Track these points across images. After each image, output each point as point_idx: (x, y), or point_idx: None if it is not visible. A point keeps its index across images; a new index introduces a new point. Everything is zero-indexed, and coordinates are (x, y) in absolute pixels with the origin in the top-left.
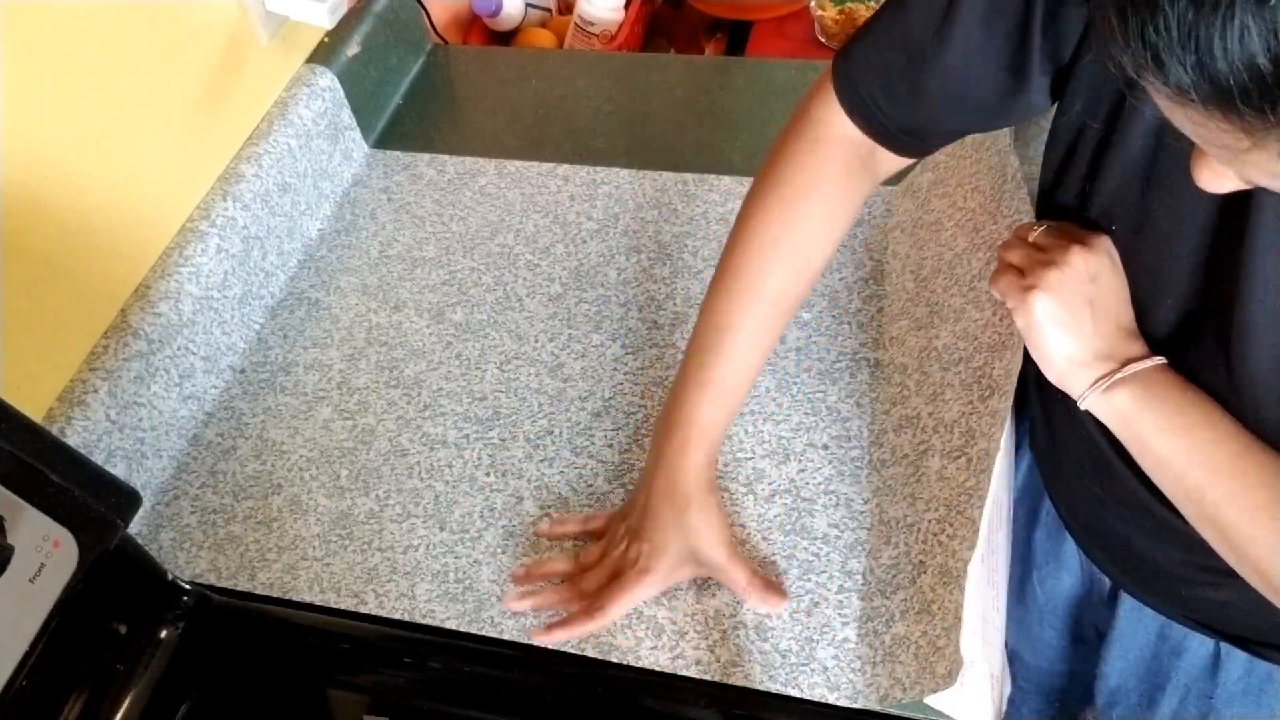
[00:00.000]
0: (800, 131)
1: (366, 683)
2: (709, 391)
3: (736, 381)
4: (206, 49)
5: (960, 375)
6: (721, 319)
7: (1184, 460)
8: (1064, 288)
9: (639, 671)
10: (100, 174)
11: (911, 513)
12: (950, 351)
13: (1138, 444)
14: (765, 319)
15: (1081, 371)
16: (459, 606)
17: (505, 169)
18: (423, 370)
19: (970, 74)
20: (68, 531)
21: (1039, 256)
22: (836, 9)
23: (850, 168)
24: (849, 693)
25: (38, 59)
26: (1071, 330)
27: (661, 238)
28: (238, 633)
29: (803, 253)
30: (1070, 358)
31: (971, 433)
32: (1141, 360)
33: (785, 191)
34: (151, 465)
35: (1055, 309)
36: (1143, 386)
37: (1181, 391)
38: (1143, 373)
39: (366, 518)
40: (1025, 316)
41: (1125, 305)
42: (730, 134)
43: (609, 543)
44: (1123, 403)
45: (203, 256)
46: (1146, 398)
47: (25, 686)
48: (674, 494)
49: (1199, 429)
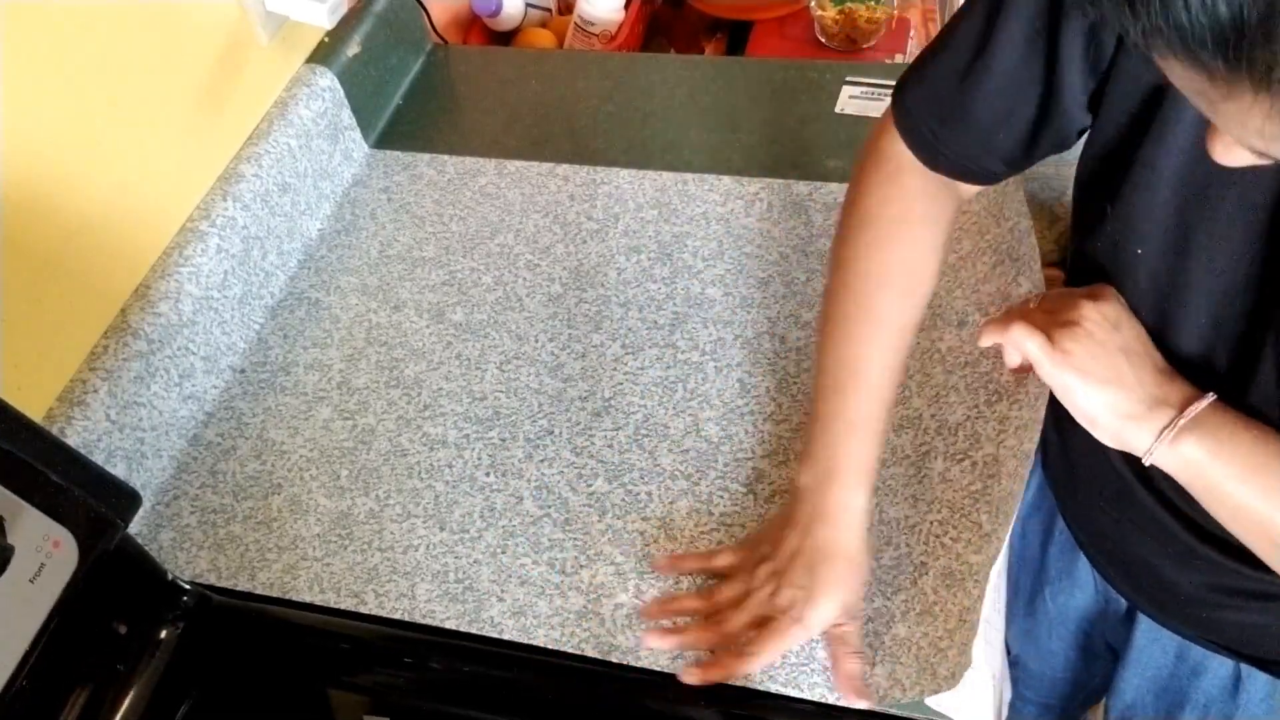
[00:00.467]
0: (876, 167)
1: (366, 683)
2: (859, 432)
3: (877, 414)
4: (206, 49)
5: (965, 379)
6: (848, 356)
7: (1262, 503)
8: (1091, 340)
9: (639, 671)
10: (100, 174)
11: (913, 514)
12: (954, 355)
13: (1211, 493)
14: (891, 345)
15: (1138, 426)
16: (459, 606)
17: (505, 169)
18: (423, 370)
19: (1014, 93)
20: (68, 531)
21: (1056, 318)
22: (836, 9)
23: (932, 194)
24: None
25: (38, 59)
26: (1113, 383)
27: (661, 238)
28: (238, 633)
29: (909, 275)
30: (1121, 412)
31: (977, 436)
32: (1197, 401)
33: (877, 229)
34: (151, 465)
35: (1090, 365)
36: (1208, 431)
37: (1245, 429)
38: (1203, 415)
39: (366, 518)
40: (1060, 379)
41: (1153, 347)
42: (730, 134)
43: (749, 584)
44: (1192, 453)
45: (203, 256)
46: (1215, 443)
47: (25, 686)
48: (838, 545)
49: (1273, 469)
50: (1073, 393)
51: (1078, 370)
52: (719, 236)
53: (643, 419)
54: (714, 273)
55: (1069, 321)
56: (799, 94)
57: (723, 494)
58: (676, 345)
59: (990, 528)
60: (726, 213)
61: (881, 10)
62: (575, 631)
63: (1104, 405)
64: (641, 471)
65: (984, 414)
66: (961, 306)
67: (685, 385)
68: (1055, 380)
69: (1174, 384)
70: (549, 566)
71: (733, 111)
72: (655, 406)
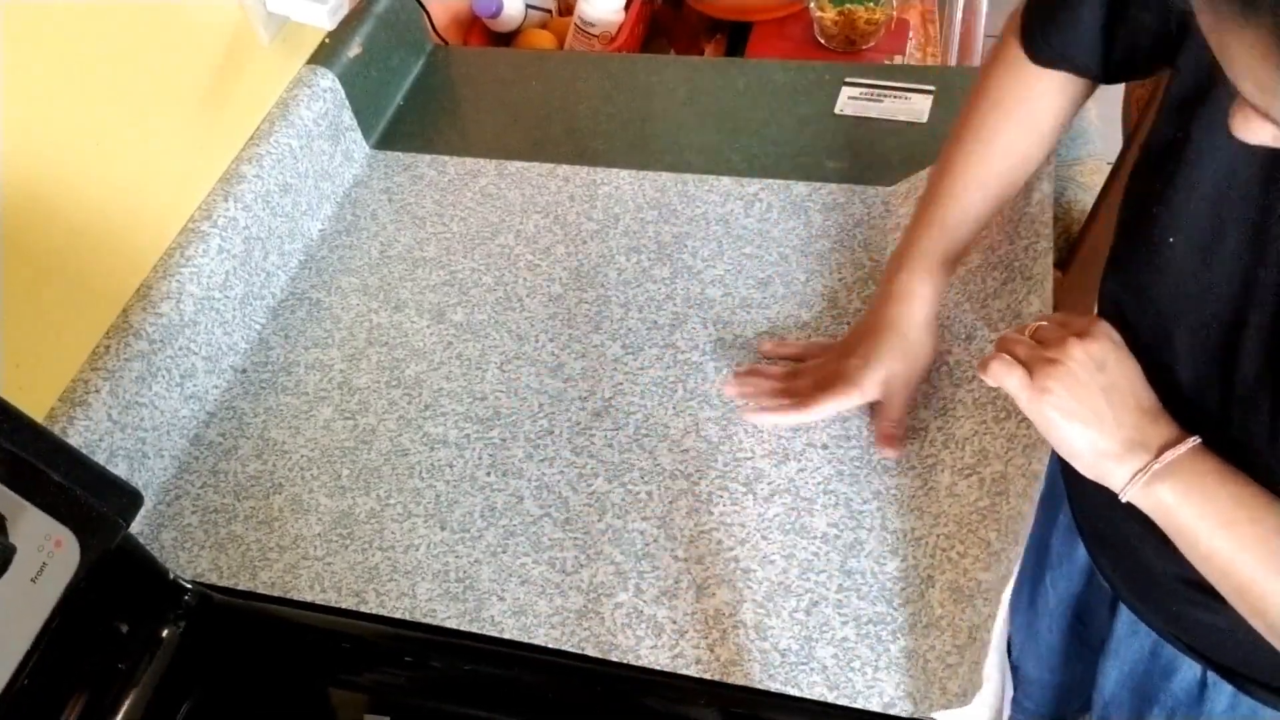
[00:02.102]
0: (999, 58)
1: (367, 682)
2: (936, 230)
3: (962, 220)
4: (208, 50)
5: (972, 393)
6: (951, 166)
7: (1230, 553)
8: (1072, 379)
9: (639, 671)
10: (102, 174)
11: (919, 526)
12: (961, 368)
13: (1182, 536)
14: (991, 168)
15: (1115, 466)
16: (459, 606)
17: (506, 169)
18: (423, 370)
19: None
20: (69, 531)
21: (1041, 354)
22: (836, 10)
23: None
24: (848, 691)
25: (38, 59)
26: (1092, 423)
27: (661, 238)
28: (239, 632)
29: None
30: (1099, 450)
31: (984, 452)
32: (1176, 445)
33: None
34: (153, 465)
35: (1068, 403)
36: (1183, 478)
37: (1220, 480)
38: (1180, 461)
39: (367, 517)
40: (1039, 415)
41: (1143, 387)
42: (730, 134)
43: (823, 359)
44: (1165, 496)
45: (204, 257)
46: (1187, 490)
47: (27, 686)
48: (893, 320)
49: (1242, 522)
50: (1051, 429)
51: (1055, 409)
52: (719, 237)
53: (643, 419)
54: (714, 273)
55: (1053, 359)
56: (798, 94)
57: (723, 494)
58: (676, 345)
59: (999, 546)
60: (726, 213)
61: (880, 11)
62: (575, 631)
63: (1081, 443)
64: (641, 471)
65: (992, 430)
66: (970, 321)
67: (685, 385)
68: (1032, 415)
69: (1155, 426)
70: (549, 566)
71: (733, 112)
72: (655, 406)
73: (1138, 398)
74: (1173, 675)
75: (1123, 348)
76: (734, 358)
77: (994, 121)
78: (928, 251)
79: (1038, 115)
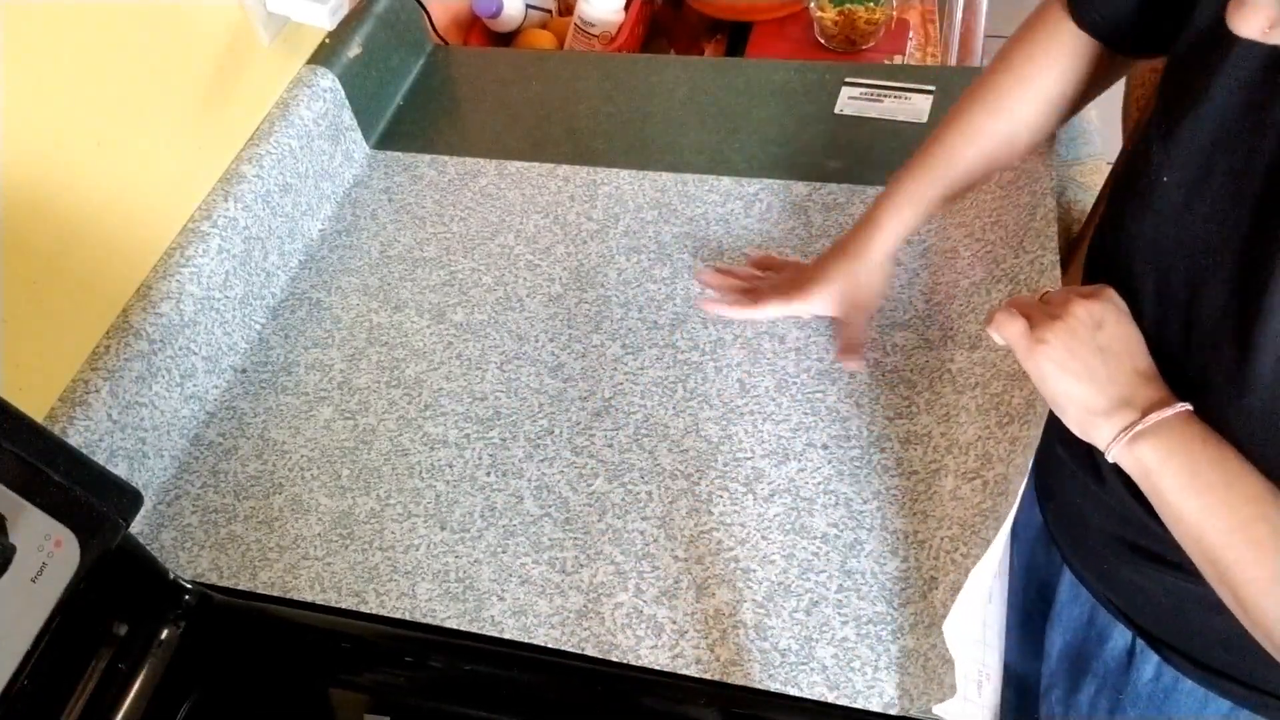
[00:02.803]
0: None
1: (367, 682)
2: (920, 171)
3: (948, 169)
4: (208, 50)
5: (976, 399)
6: (951, 117)
7: (1200, 520)
8: (1070, 336)
9: (639, 671)
10: (102, 174)
11: (923, 529)
12: (965, 375)
13: (1158, 497)
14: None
15: (1102, 421)
16: (459, 606)
17: (506, 169)
18: (423, 370)
19: None
20: (69, 531)
21: (1044, 309)
22: (836, 10)
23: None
24: (848, 691)
25: (38, 59)
26: (1084, 378)
27: (661, 238)
28: (239, 632)
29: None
30: (1086, 406)
31: (988, 456)
32: (1163, 407)
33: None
34: (153, 465)
35: (1064, 357)
36: (1165, 441)
37: (1204, 446)
38: (1166, 423)
39: (367, 517)
40: (1034, 366)
41: (1141, 351)
42: (730, 134)
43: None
44: (1146, 455)
45: (204, 257)
46: (1168, 451)
47: (27, 686)
48: (857, 247)
49: (1218, 489)
50: (1044, 381)
51: (1050, 360)
52: (719, 237)
53: (643, 419)
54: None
55: (1054, 315)
56: (798, 95)
57: (723, 494)
58: (676, 345)
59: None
60: (726, 213)
61: (880, 11)
62: (575, 631)
63: (1072, 397)
64: (641, 471)
65: (995, 435)
66: (975, 330)
67: (685, 385)
68: (1028, 366)
69: (1147, 388)
70: (549, 566)
71: (733, 112)
72: (655, 406)
73: (1133, 359)
74: (1105, 642)
75: (1124, 311)
76: (733, 358)
77: (1002, 81)
78: (906, 190)
79: (1048, 82)
